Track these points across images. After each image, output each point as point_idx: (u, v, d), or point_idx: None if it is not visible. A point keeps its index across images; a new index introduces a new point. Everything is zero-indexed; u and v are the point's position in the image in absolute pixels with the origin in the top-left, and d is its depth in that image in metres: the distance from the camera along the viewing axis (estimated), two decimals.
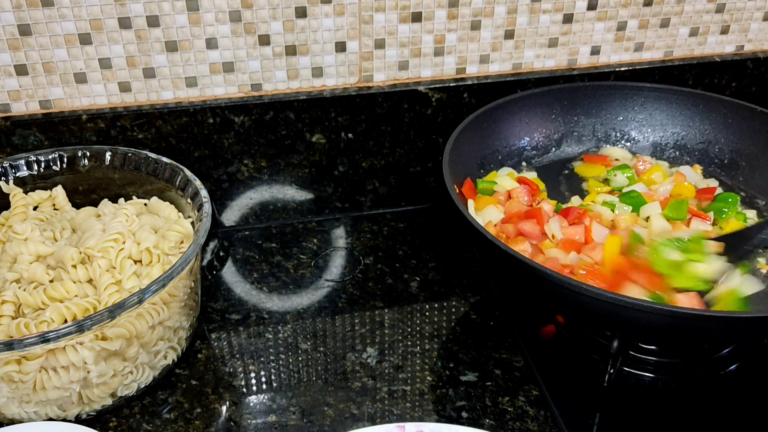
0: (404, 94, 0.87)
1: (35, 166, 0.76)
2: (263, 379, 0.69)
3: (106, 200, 0.77)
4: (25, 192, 0.75)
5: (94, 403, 0.63)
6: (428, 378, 0.69)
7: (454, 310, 0.78)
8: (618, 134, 0.91)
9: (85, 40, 0.77)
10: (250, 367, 0.71)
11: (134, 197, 0.77)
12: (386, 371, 0.70)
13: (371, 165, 0.91)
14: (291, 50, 0.83)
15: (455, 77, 0.89)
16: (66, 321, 0.60)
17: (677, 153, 0.89)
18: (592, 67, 0.93)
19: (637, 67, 0.93)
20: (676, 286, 0.66)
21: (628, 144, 0.90)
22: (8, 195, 0.74)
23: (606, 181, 0.84)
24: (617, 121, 0.91)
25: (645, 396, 0.67)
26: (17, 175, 0.75)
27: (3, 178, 0.75)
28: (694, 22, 0.93)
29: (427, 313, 0.77)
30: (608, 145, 0.90)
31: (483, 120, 0.83)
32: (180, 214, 0.73)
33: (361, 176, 0.92)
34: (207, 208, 0.69)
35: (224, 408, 0.66)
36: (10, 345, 0.54)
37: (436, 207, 0.95)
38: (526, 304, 0.77)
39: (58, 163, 0.76)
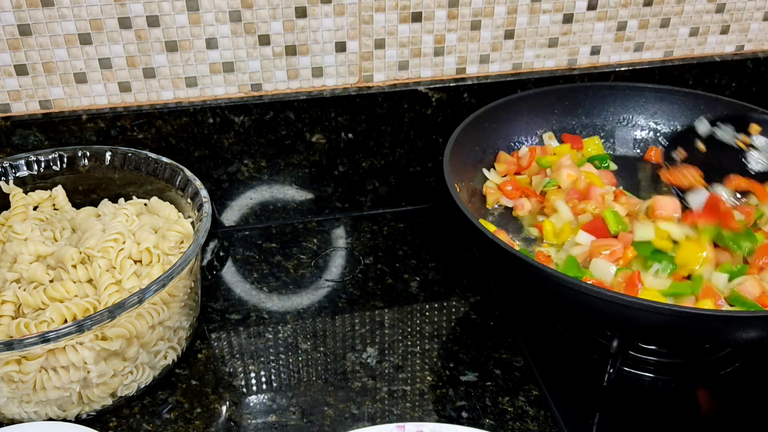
0: (404, 94, 0.87)
1: (35, 166, 0.76)
2: (263, 379, 0.69)
3: (106, 200, 0.77)
4: (25, 192, 0.75)
5: (94, 403, 0.63)
6: (428, 378, 0.69)
7: (454, 310, 0.78)
8: (618, 135, 0.90)
9: (85, 40, 0.77)
10: (250, 367, 0.71)
11: (134, 197, 0.77)
12: (386, 371, 0.70)
13: (371, 165, 0.91)
14: (291, 50, 0.83)
15: (455, 77, 0.89)
16: (66, 321, 0.60)
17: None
18: (592, 67, 0.93)
19: (637, 67, 0.93)
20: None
21: (631, 145, 0.90)
22: (8, 195, 0.74)
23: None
24: (617, 121, 0.91)
25: (645, 396, 0.67)
26: (17, 175, 0.75)
27: (3, 178, 0.75)
28: (694, 22, 0.93)
29: (427, 313, 0.77)
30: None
31: (483, 120, 0.83)
32: (180, 214, 0.73)
33: (361, 176, 0.92)
34: (207, 208, 0.69)
35: (224, 408, 0.66)
36: (10, 345, 0.54)
37: (436, 207, 0.95)
38: (526, 304, 0.77)
39: (58, 163, 0.76)
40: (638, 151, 0.90)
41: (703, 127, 0.69)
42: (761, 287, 0.65)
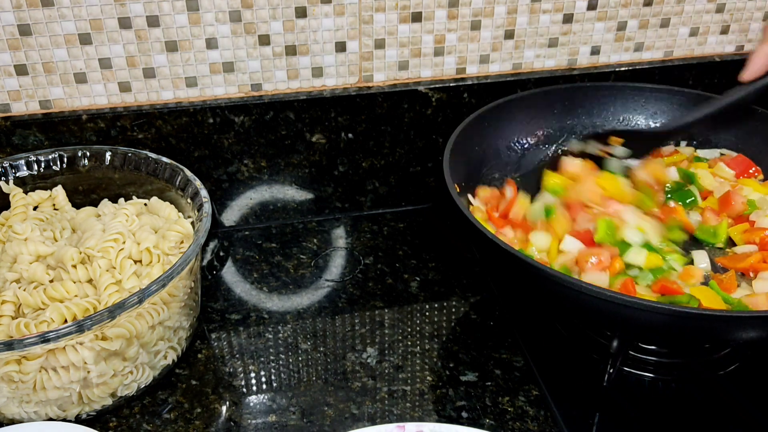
0: (404, 94, 0.87)
1: (35, 166, 0.76)
2: (263, 379, 0.69)
3: (106, 200, 0.77)
4: (25, 192, 0.75)
5: (94, 403, 0.63)
6: (428, 378, 0.69)
7: (454, 310, 0.78)
8: (618, 135, 0.90)
9: (85, 40, 0.77)
10: (250, 367, 0.71)
11: (134, 197, 0.77)
12: (386, 371, 0.70)
13: (371, 165, 0.91)
14: (291, 50, 0.83)
15: (455, 77, 0.89)
16: (66, 321, 0.60)
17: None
18: (592, 67, 0.93)
19: (637, 67, 0.93)
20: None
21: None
22: (8, 195, 0.74)
23: None
24: (617, 121, 0.90)
25: (645, 396, 0.67)
26: (17, 175, 0.75)
27: (3, 178, 0.75)
28: (694, 22, 0.93)
29: (427, 313, 0.77)
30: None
31: (483, 120, 0.83)
32: (180, 214, 0.73)
33: (361, 176, 0.92)
34: (207, 208, 0.69)
35: (224, 408, 0.66)
36: (10, 345, 0.54)
37: (436, 207, 0.95)
38: (526, 304, 0.77)
39: (58, 163, 0.76)
40: None
41: (575, 145, 0.84)
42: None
